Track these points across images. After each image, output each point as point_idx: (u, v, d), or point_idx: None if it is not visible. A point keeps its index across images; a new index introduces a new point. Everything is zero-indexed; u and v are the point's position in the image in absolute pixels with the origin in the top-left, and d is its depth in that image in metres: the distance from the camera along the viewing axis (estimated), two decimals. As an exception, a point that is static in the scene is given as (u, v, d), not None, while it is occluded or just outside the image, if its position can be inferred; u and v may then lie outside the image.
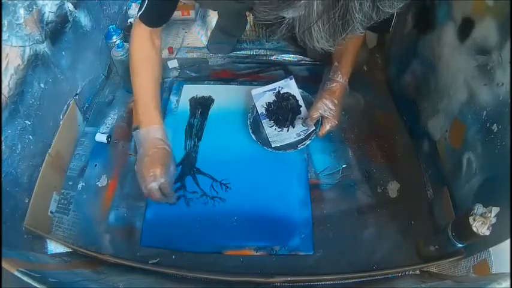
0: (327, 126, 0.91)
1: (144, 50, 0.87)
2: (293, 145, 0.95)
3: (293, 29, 0.48)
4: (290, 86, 1.01)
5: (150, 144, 0.83)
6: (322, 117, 0.91)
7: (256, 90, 1.01)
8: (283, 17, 0.47)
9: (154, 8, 0.82)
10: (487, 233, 0.60)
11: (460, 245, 0.67)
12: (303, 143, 0.94)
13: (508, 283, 0.51)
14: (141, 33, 0.86)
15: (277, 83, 1.02)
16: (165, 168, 0.81)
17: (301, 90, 1.01)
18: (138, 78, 0.87)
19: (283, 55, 1.24)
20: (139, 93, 0.87)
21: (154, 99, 0.86)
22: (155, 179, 0.80)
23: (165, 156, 0.83)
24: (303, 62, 1.24)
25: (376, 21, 0.47)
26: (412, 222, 0.87)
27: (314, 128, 0.94)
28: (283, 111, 0.99)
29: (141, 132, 0.85)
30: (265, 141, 0.96)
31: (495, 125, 0.66)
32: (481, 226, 0.60)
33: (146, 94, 0.86)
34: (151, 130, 0.84)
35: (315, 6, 0.44)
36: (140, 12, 0.82)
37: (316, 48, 0.50)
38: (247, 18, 1.25)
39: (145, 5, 0.81)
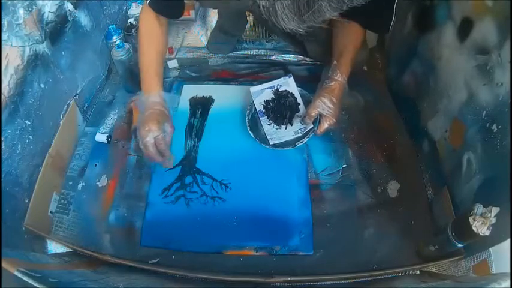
0: (325, 125, 0.91)
1: (149, 25, 0.91)
2: (291, 143, 0.95)
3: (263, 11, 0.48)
4: (289, 84, 1.01)
5: (148, 107, 0.87)
6: (321, 115, 0.91)
7: (254, 88, 1.01)
8: None
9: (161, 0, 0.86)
10: (487, 233, 0.60)
11: (460, 245, 0.67)
12: (301, 141, 0.94)
13: (508, 283, 0.51)
14: (148, 14, 0.90)
15: (276, 80, 1.02)
16: (160, 125, 0.84)
17: (299, 89, 1.02)
18: (142, 50, 0.92)
19: (283, 55, 1.24)
20: (142, 63, 0.91)
21: (154, 68, 0.90)
22: (150, 133, 0.83)
23: (161, 115, 0.86)
24: (303, 62, 1.24)
25: (349, 6, 0.46)
26: (412, 222, 0.87)
27: (312, 126, 0.94)
28: (281, 109, 0.99)
29: (141, 98, 0.89)
30: (263, 139, 0.96)
31: (495, 125, 0.66)
32: (481, 226, 0.60)
33: (147, 64, 0.91)
34: (150, 96, 0.88)
35: None
36: (149, 1, 0.86)
37: (286, 29, 0.49)
38: (247, 18, 1.25)
39: None
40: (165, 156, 0.87)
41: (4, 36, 0.72)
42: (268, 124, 0.99)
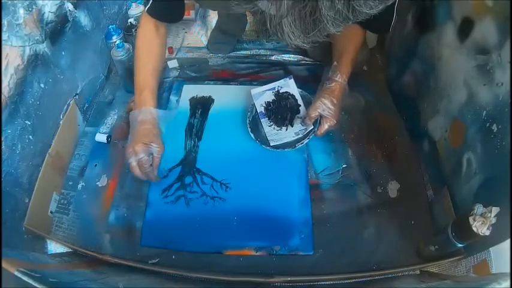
0: (326, 126, 0.91)
1: (148, 36, 0.90)
2: (291, 144, 0.95)
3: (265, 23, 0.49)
4: (289, 86, 1.01)
5: (137, 125, 0.86)
6: (321, 116, 0.91)
7: (255, 90, 1.01)
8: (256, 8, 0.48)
9: (160, 4, 0.85)
10: (487, 233, 0.60)
11: (460, 245, 0.67)
12: (301, 142, 0.94)
13: (508, 283, 0.51)
14: (147, 24, 0.90)
15: (276, 82, 1.02)
16: (145, 146, 0.83)
17: (300, 90, 1.01)
18: (138, 63, 0.91)
19: (283, 55, 1.24)
20: (136, 77, 0.91)
21: (147, 83, 0.89)
22: (134, 155, 0.83)
23: (148, 134, 0.85)
24: (303, 62, 1.24)
25: (355, 22, 0.46)
26: (412, 222, 0.87)
27: (312, 127, 0.94)
28: (282, 111, 0.99)
29: (132, 114, 0.89)
30: (263, 140, 0.96)
31: (495, 125, 0.66)
32: (481, 226, 0.60)
33: (141, 78, 0.90)
34: (142, 112, 0.87)
35: (284, 1, 0.44)
36: (147, 7, 0.85)
37: (291, 44, 0.50)
38: (247, 18, 1.25)
39: (151, 1, 0.84)
40: (150, 178, 0.87)
41: (4, 36, 0.72)
42: (269, 126, 0.99)
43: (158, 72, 0.93)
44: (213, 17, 1.29)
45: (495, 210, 0.60)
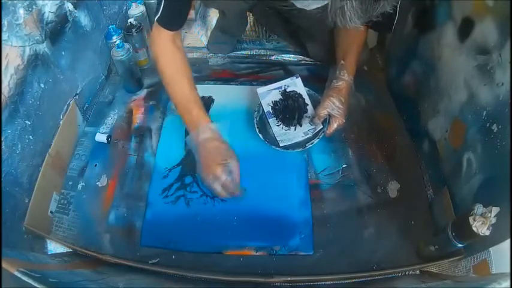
0: (335, 125, 0.91)
1: (169, 52, 0.86)
2: (301, 144, 0.94)
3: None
4: (296, 85, 1.01)
5: (201, 146, 0.83)
6: (330, 115, 0.91)
7: (261, 89, 1.00)
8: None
9: (170, 9, 0.81)
10: (487, 233, 0.60)
11: (460, 245, 0.67)
12: (311, 142, 0.94)
13: (508, 283, 0.51)
14: (163, 37, 0.85)
15: (283, 81, 1.01)
16: (223, 166, 0.80)
17: (307, 89, 1.01)
18: (170, 82, 0.86)
19: (283, 55, 1.24)
20: (177, 100, 0.87)
21: (192, 101, 0.85)
22: (217, 180, 0.80)
23: (220, 152, 0.82)
24: (303, 62, 1.24)
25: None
26: (412, 222, 0.87)
27: (322, 126, 0.94)
28: (289, 110, 0.98)
29: (190, 137, 0.85)
30: (272, 140, 0.95)
31: (495, 125, 0.66)
32: (481, 226, 0.60)
33: (183, 97, 0.86)
34: (200, 131, 0.83)
35: None
36: (157, 16, 0.81)
37: (348, 27, 0.53)
38: (248, 18, 1.25)
39: (161, 9, 0.80)
40: (235, 194, 0.84)
41: (4, 36, 0.72)
42: (277, 125, 0.98)
43: (194, 86, 0.88)
44: (213, 17, 1.29)
45: (495, 210, 0.60)
